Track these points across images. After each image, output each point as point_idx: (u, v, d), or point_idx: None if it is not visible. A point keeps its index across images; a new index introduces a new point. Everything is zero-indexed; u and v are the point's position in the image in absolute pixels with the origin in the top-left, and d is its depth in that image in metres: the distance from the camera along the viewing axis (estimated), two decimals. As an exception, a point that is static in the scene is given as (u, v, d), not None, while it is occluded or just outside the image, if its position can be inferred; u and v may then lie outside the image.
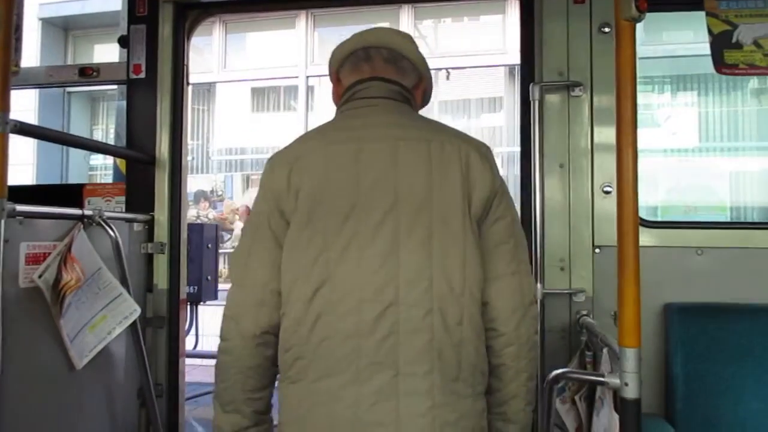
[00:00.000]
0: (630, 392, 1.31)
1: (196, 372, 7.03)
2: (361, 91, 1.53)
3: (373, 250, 1.35)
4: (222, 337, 1.47)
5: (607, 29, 2.22)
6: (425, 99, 1.69)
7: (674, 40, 7.45)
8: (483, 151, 1.49)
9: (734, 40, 2.08)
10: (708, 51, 2.10)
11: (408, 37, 1.64)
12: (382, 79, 1.53)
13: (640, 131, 1.37)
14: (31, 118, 8.95)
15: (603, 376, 1.50)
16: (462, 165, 1.41)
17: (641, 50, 1.46)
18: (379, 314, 1.32)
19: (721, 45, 2.08)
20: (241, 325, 1.43)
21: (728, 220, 7.28)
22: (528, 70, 2.30)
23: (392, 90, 1.53)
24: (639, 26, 1.37)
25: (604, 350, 1.71)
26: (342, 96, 1.60)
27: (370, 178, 1.39)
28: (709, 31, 2.10)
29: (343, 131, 1.50)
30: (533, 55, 2.29)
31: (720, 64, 2.09)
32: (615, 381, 1.35)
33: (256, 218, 1.49)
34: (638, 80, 1.40)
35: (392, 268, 1.34)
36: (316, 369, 1.36)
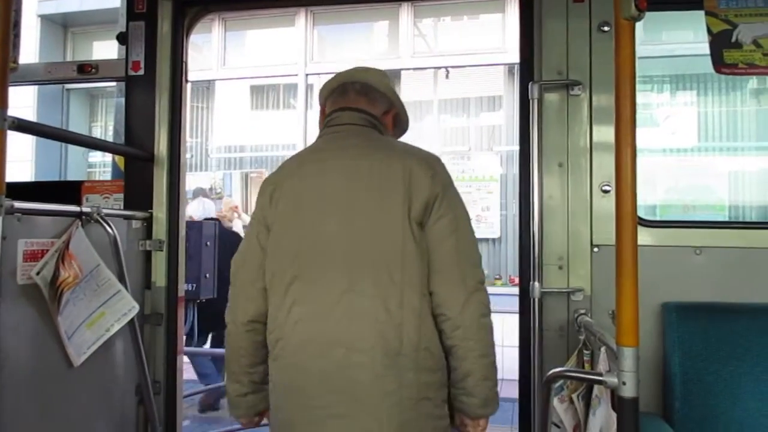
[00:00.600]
0: (627, 391, 1.32)
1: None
2: (334, 119, 1.84)
3: None
4: (225, 323, 1.82)
5: (606, 28, 2.22)
6: (398, 123, 2.06)
7: (673, 40, 7.44)
8: (428, 162, 1.76)
9: (734, 39, 2.08)
10: (707, 50, 2.10)
11: (380, 73, 2.00)
12: (351, 108, 1.84)
13: (639, 131, 1.37)
14: (29, 114, 8.94)
15: (601, 375, 1.50)
16: (405, 175, 1.68)
17: (640, 49, 1.46)
18: (335, 301, 1.62)
19: (721, 44, 2.08)
20: (234, 314, 1.78)
21: (727, 219, 7.28)
22: (527, 69, 2.30)
23: (358, 117, 1.83)
24: (638, 25, 1.37)
25: (602, 349, 1.71)
26: (322, 124, 1.92)
27: (328, 189, 1.71)
28: (709, 31, 2.10)
29: (314, 153, 1.84)
30: (532, 53, 2.29)
31: (719, 63, 2.09)
32: (613, 380, 1.35)
33: (250, 229, 1.83)
34: (637, 79, 1.40)
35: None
36: (290, 347, 1.66)
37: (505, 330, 7.46)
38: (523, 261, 2.26)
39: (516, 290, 2.39)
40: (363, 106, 1.86)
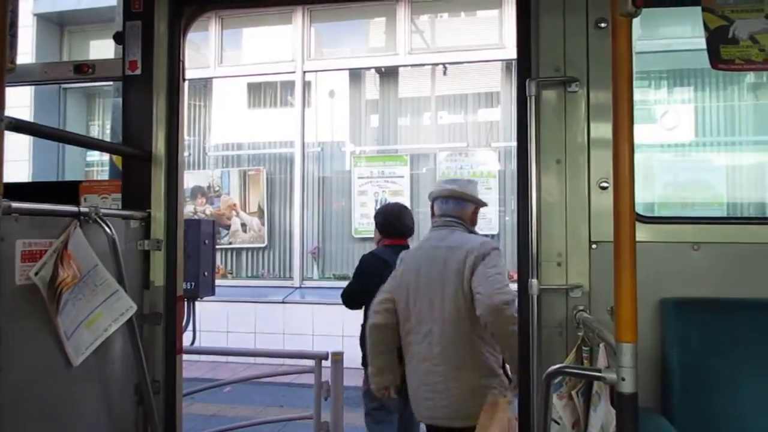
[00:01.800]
0: (626, 387, 1.32)
1: (195, 368, 7.05)
2: (436, 221, 3.31)
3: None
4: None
5: (603, 24, 2.22)
6: (477, 212, 3.36)
7: (670, 35, 7.45)
8: (480, 251, 3.02)
9: (730, 35, 2.08)
10: (704, 46, 2.10)
11: (472, 183, 3.47)
12: (445, 215, 3.26)
13: (636, 127, 1.37)
14: (26, 114, 8.92)
15: (600, 371, 1.50)
16: (464, 259, 2.97)
17: (637, 45, 1.45)
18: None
19: (718, 40, 2.08)
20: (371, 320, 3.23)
21: (725, 215, 7.29)
22: (524, 66, 2.30)
23: (448, 221, 3.23)
24: (635, 21, 1.37)
25: (601, 345, 1.72)
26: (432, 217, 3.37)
27: (424, 268, 3.08)
28: (705, 27, 2.09)
29: (425, 242, 3.26)
30: (529, 50, 2.29)
31: (716, 59, 2.08)
32: (612, 376, 1.35)
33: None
34: (635, 75, 1.40)
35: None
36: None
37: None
38: (522, 258, 2.26)
39: (515, 286, 2.40)
40: (453, 213, 3.29)
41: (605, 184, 2.20)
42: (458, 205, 3.23)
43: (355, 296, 4.04)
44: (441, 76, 8.80)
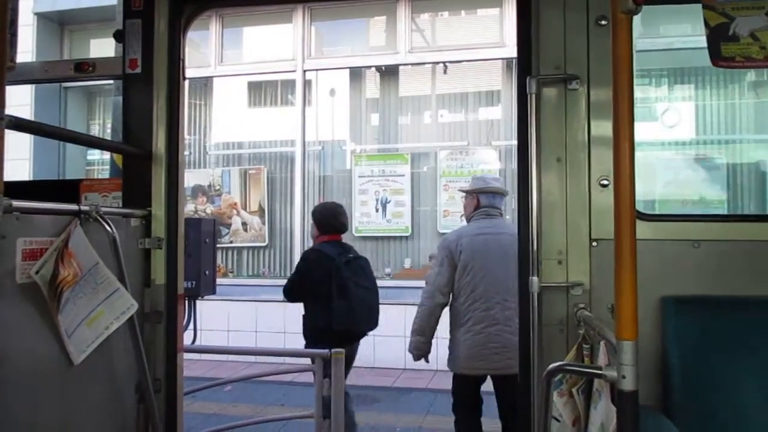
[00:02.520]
0: (627, 384, 1.32)
1: (196, 366, 7.05)
2: (487, 211, 4.05)
3: None
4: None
5: (604, 22, 2.21)
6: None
7: (671, 33, 7.44)
8: None
9: (731, 32, 2.08)
10: (705, 44, 2.10)
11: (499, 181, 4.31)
12: (494, 207, 4.06)
13: (637, 125, 1.37)
14: (26, 113, 8.92)
15: (600, 368, 1.51)
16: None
17: (638, 43, 1.44)
18: None
19: (718, 38, 2.07)
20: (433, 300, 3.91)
21: (726, 213, 7.29)
22: (525, 64, 2.30)
23: (497, 212, 4.09)
24: (636, 19, 1.37)
25: (602, 343, 1.72)
26: (476, 209, 4.08)
27: (493, 250, 3.89)
28: (706, 24, 2.09)
29: (483, 228, 3.97)
30: (530, 48, 2.29)
31: (717, 57, 2.08)
32: (612, 374, 1.36)
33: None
34: (635, 73, 1.40)
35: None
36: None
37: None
38: (522, 256, 2.26)
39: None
40: (498, 205, 4.19)
41: (605, 182, 2.20)
42: (501, 200, 4.16)
43: (297, 290, 4.42)
44: (441, 75, 8.80)
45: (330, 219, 4.56)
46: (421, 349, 3.99)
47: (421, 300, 3.98)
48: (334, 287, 4.30)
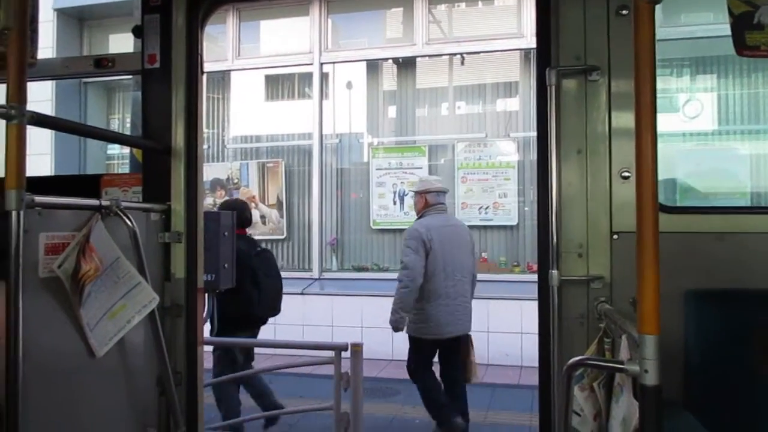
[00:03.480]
0: (650, 379, 1.30)
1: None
2: (438, 207, 5.06)
3: None
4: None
5: (625, 12, 2.18)
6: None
7: (693, 22, 7.33)
8: None
9: (755, 21, 2.03)
10: (728, 32, 2.06)
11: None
12: (442, 203, 5.11)
13: (658, 116, 1.35)
14: (48, 108, 9.02)
15: (622, 363, 1.49)
16: (469, 233, 5.31)
17: (659, 32, 1.41)
18: None
19: (743, 26, 2.03)
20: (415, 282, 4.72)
21: (749, 204, 7.19)
22: (544, 55, 2.27)
23: (445, 207, 5.15)
24: (657, 7, 1.35)
25: (623, 337, 1.70)
26: (426, 206, 5.05)
27: (454, 239, 4.99)
28: (730, 12, 2.05)
29: (443, 221, 5.05)
30: (549, 39, 2.26)
31: (741, 46, 2.04)
32: (634, 368, 1.34)
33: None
34: (657, 63, 1.38)
35: None
36: None
37: (524, 317, 7.50)
38: (542, 249, 2.24)
39: (535, 277, 2.38)
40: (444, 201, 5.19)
41: (627, 174, 2.17)
42: (444, 197, 5.21)
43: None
44: (459, 66, 8.75)
45: (239, 215, 4.90)
46: (401, 323, 4.79)
47: (403, 282, 4.73)
48: (246, 277, 4.84)
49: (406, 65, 8.93)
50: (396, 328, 4.82)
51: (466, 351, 4.94)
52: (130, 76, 3.51)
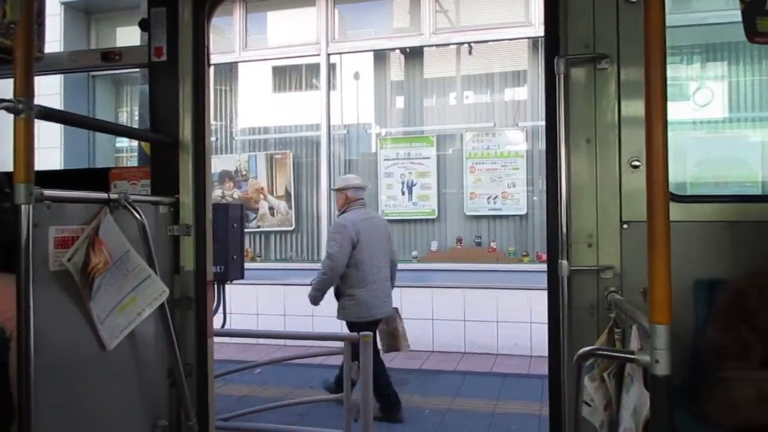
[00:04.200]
0: (661, 369, 1.29)
1: (226, 350, 7.15)
2: (360, 202, 5.53)
3: None
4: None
5: (634, -2, 2.16)
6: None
7: (703, 8, 7.25)
8: None
9: (767, 7, 2.01)
10: (739, 18, 2.03)
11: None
12: (362, 198, 5.60)
13: (668, 104, 1.34)
14: (56, 102, 9.05)
15: (633, 353, 1.48)
16: (387, 224, 5.87)
17: (669, 19, 1.38)
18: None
19: (754, 12, 2.01)
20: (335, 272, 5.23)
21: (760, 193, 7.13)
22: (551, 43, 2.25)
23: (365, 202, 5.63)
24: (668, -6, 1.33)
25: (634, 327, 1.70)
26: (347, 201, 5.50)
27: (375, 231, 5.47)
28: (741, -2, 2.03)
29: (366, 215, 5.54)
30: (557, 27, 2.24)
31: (752, 32, 2.02)
32: (645, 358, 1.33)
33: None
34: (667, 51, 1.36)
35: None
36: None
37: (533, 307, 7.49)
38: (551, 239, 2.23)
39: (544, 267, 2.37)
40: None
41: (637, 163, 2.15)
42: (363, 192, 5.68)
43: None
44: (466, 56, 8.70)
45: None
46: (318, 299, 5.43)
47: (323, 271, 5.30)
48: None
49: (413, 55, 8.89)
50: (313, 303, 5.45)
51: (394, 324, 5.49)
52: (137, 70, 3.51)
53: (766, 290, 1.82)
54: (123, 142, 9.97)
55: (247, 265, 5.16)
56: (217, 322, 3.41)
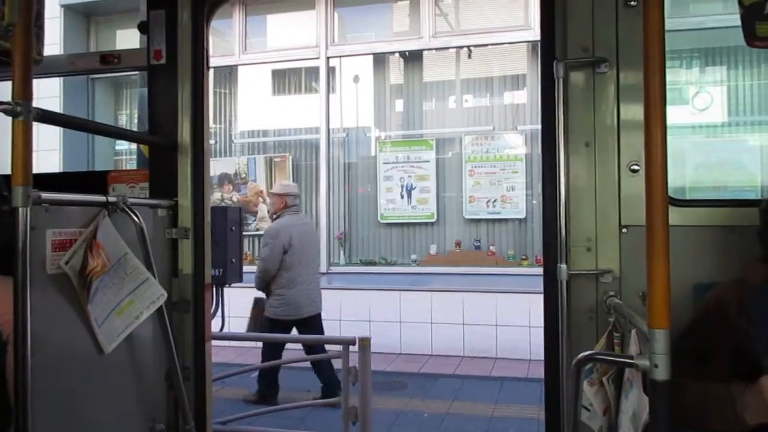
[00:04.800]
0: (660, 374, 1.29)
1: (224, 353, 7.14)
2: (294, 208, 5.99)
3: None
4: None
5: (633, 2, 2.16)
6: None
7: (703, 12, 7.26)
8: None
9: (767, 11, 2.01)
10: (738, 23, 2.03)
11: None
12: (296, 205, 6.08)
13: (667, 108, 1.33)
14: (55, 104, 9.05)
15: (632, 357, 1.48)
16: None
17: (668, 23, 1.37)
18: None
19: (753, 17, 2.01)
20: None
21: (759, 197, 7.12)
22: (548, 47, 2.25)
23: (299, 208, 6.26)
24: (667, -2, 1.33)
25: (633, 332, 1.69)
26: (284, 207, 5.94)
27: (306, 235, 6.00)
28: (740, 3, 2.02)
29: (298, 220, 6.03)
30: (554, 30, 2.24)
31: (752, 36, 2.02)
32: (644, 363, 1.33)
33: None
34: (666, 55, 1.36)
35: None
36: None
37: (532, 311, 7.48)
38: (549, 243, 2.23)
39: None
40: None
41: (636, 167, 2.15)
42: (298, 199, 6.17)
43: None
44: (466, 59, 8.71)
45: None
46: (263, 290, 5.87)
47: (258, 273, 5.76)
48: None
49: (413, 58, 8.90)
50: (259, 289, 5.94)
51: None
52: (136, 72, 3.51)
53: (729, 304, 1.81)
54: (122, 145, 9.97)
55: (245, 268, 5.16)
56: (215, 325, 3.41)
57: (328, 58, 8.84)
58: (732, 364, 1.73)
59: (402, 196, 8.58)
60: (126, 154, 9.95)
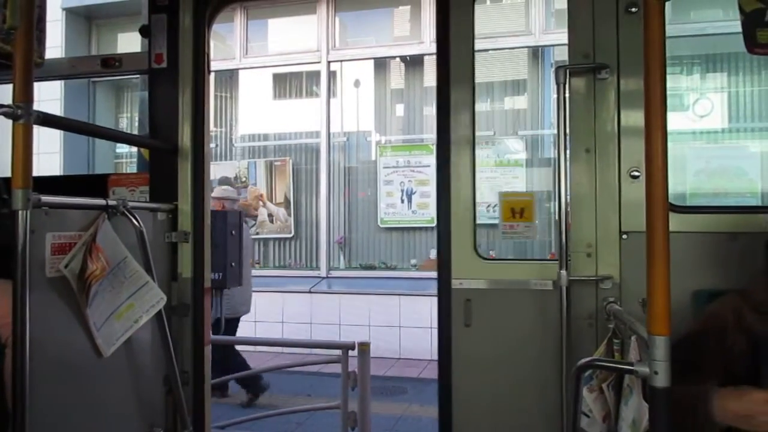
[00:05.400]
0: (660, 381, 1.29)
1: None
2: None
3: None
4: None
5: (634, 9, 2.16)
6: None
7: (703, 18, 7.27)
8: None
9: (767, 18, 2.01)
10: (739, 29, 2.03)
11: None
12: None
13: (668, 114, 1.33)
14: (56, 107, 9.05)
15: (632, 364, 1.47)
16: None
17: (668, 29, 1.37)
18: None
19: (754, 24, 2.01)
20: None
21: (760, 204, 7.13)
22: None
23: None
24: (667, 5, 1.33)
25: (633, 338, 1.69)
26: None
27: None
28: (741, 10, 2.03)
29: None
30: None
31: (752, 43, 2.02)
32: (644, 369, 1.33)
33: None
34: (666, 61, 1.36)
35: None
36: None
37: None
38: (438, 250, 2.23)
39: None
40: None
41: (636, 173, 2.15)
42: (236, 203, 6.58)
43: None
44: (467, 64, 8.70)
45: None
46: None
47: None
48: None
49: (413, 63, 8.91)
50: None
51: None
52: (137, 76, 3.51)
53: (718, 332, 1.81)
54: (123, 148, 9.97)
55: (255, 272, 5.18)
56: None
57: (329, 62, 8.85)
58: (720, 379, 1.72)
59: (402, 201, 8.57)
60: (126, 157, 9.95)
